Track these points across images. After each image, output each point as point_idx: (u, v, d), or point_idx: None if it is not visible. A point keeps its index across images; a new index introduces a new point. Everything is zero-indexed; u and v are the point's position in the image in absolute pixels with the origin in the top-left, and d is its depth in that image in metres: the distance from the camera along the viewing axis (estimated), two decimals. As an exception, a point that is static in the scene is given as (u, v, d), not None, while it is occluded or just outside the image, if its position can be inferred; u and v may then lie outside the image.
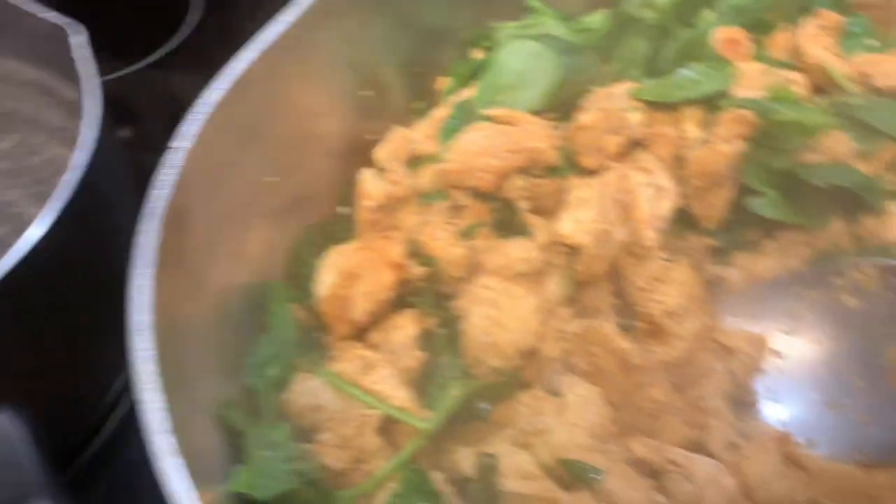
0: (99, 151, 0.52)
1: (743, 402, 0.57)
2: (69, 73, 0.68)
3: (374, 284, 0.58)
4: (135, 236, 0.39)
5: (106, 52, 0.67)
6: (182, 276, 0.42)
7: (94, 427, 0.62)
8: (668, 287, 0.56)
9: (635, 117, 0.69)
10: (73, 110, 0.71)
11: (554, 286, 0.63)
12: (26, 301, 0.50)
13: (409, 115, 0.71)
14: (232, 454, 0.47)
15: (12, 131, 0.76)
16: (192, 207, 0.44)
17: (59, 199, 0.49)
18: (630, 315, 0.62)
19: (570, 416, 0.54)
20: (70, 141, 0.74)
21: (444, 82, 0.75)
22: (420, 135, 0.70)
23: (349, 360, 0.55)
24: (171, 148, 0.43)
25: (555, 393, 0.58)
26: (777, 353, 0.60)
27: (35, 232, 0.48)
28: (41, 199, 0.73)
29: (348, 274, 0.58)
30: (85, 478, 0.58)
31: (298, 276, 0.59)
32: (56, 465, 0.43)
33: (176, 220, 0.42)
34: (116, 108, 0.66)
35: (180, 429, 0.37)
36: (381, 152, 0.63)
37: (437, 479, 0.53)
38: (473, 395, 0.57)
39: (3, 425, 0.42)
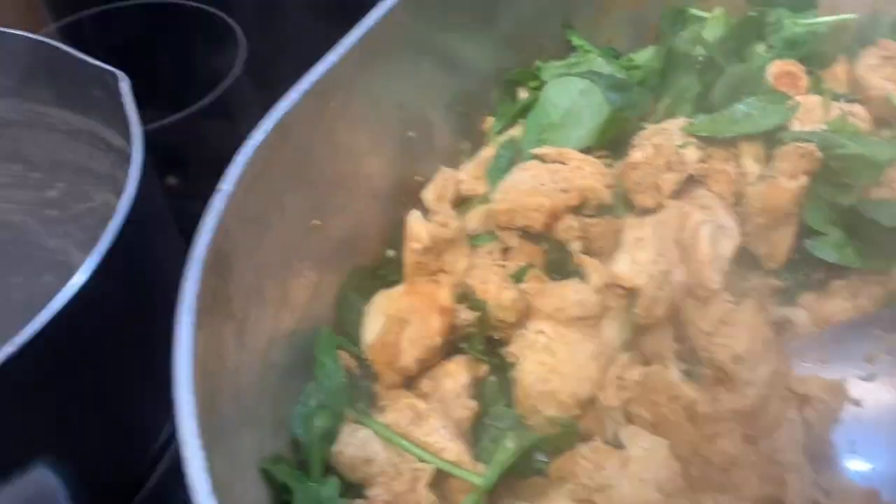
0: (144, 198, 0.51)
1: (821, 455, 0.53)
2: (117, 120, 0.69)
3: (423, 330, 0.56)
4: (179, 283, 0.38)
5: (153, 100, 0.67)
6: (226, 324, 0.41)
7: (140, 477, 0.60)
8: (736, 330, 0.53)
9: (691, 154, 0.66)
10: (121, 158, 0.71)
11: (612, 331, 0.60)
12: (69, 350, 0.48)
13: (455, 156, 0.70)
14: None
15: (60, 179, 0.76)
16: (236, 252, 0.42)
17: (103, 246, 0.48)
18: (694, 361, 0.58)
19: (635, 471, 0.50)
20: (117, 188, 0.74)
21: (490, 122, 0.74)
22: (467, 175, 0.68)
23: (399, 410, 0.53)
24: (216, 192, 0.42)
25: (616, 444, 0.55)
26: (855, 401, 0.56)
27: (78, 279, 0.47)
28: (87, 247, 0.73)
29: (396, 319, 0.56)
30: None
31: (346, 322, 0.57)
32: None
33: (220, 265, 0.41)
34: (163, 156, 0.66)
35: (224, 486, 0.34)
36: (429, 194, 0.62)
37: (494, 537, 0.50)
38: (530, 448, 0.54)
39: (41, 480, 0.40)
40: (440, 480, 0.51)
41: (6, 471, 0.42)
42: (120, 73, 0.61)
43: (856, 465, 0.54)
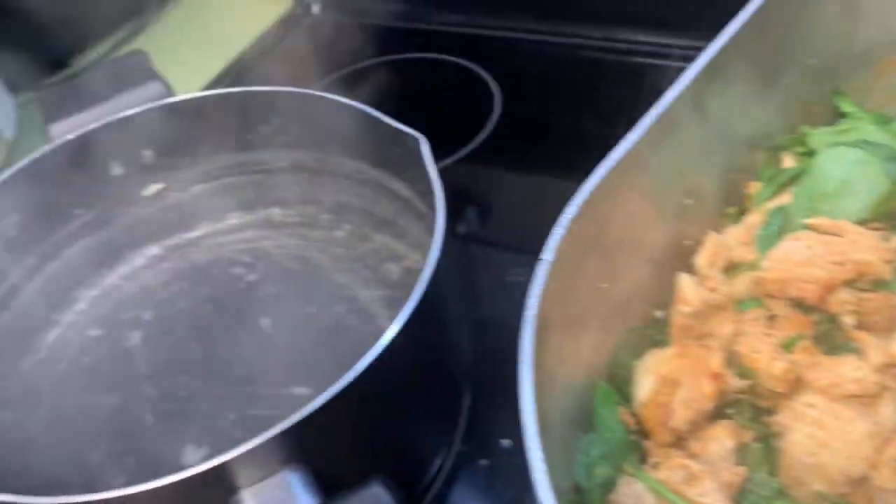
0: (444, 260, 0.57)
1: None
2: (404, 173, 0.77)
3: (695, 393, 0.58)
4: (518, 343, 0.43)
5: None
6: (542, 379, 0.45)
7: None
8: None
9: (979, 231, 0.64)
10: (403, 206, 0.80)
11: (889, 411, 0.59)
12: (376, 392, 0.55)
13: (721, 220, 0.72)
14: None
15: (347, 221, 0.86)
16: (550, 315, 0.47)
17: (414, 298, 0.55)
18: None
19: (923, 561, 0.49)
20: (396, 232, 0.83)
21: (755, 187, 0.74)
22: (734, 241, 0.70)
23: (672, 468, 0.55)
24: (539, 261, 0.47)
25: (893, 529, 0.54)
26: None
27: (391, 330, 0.53)
28: (369, 282, 0.82)
29: (668, 381, 0.59)
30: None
31: (617, 379, 0.61)
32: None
33: (541, 326, 0.45)
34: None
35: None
36: (702, 259, 0.64)
37: None
38: (798, 521, 0.55)
39: (379, 497, 0.47)
40: (711, 543, 0.53)
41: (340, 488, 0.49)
42: (421, 137, 0.69)
43: None
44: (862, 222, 0.67)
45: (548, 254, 0.48)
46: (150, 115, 0.82)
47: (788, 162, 0.76)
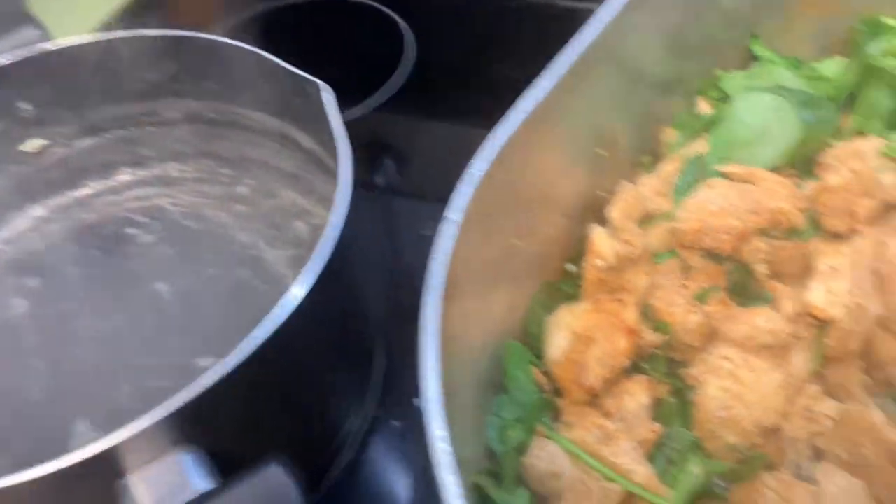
0: (352, 212, 0.54)
1: None
2: (307, 123, 0.72)
3: (609, 350, 0.57)
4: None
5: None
6: (449, 345, 0.43)
7: (320, 474, 0.64)
8: (945, 373, 0.51)
9: (888, 178, 0.64)
10: (309, 159, 0.75)
11: (801, 361, 0.59)
12: (280, 361, 0.52)
13: (636, 170, 0.70)
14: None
15: (249, 176, 0.81)
16: (458, 276, 0.44)
17: (319, 260, 0.51)
18: (882, 396, 0.57)
19: (831, 510, 0.50)
20: (304, 187, 0.78)
21: (669, 134, 0.73)
22: (649, 191, 0.68)
23: (587, 428, 0.54)
24: (444, 220, 0.44)
25: (803, 478, 0.54)
26: None
27: (295, 294, 0.50)
28: (274, 241, 0.77)
29: (582, 337, 0.57)
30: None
31: (531, 337, 0.59)
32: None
33: (448, 289, 0.43)
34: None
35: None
36: (616, 211, 0.62)
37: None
38: (713, 473, 0.54)
39: (277, 478, 0.44)
40: (626, 501, 0.52)
41: (238, 468, 0.45)
42: (323, 84, 0.64)
43: None
44: (777, 169, 0.67)
45: (454, 213, 0.44)
46: (25, 63, 0.74)
47: (703, 108, 0.74)
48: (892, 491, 0.50)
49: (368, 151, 0.95)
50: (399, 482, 0.67)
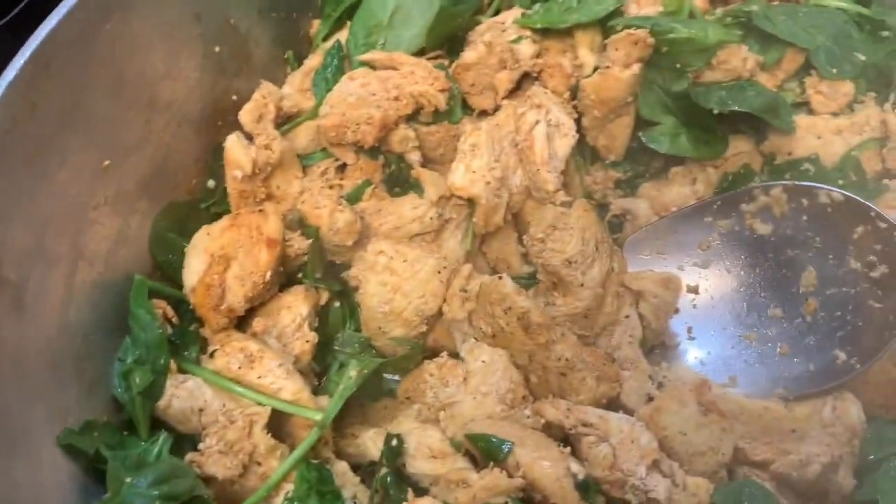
0: None
1: (659, 347, 0.54)
2: None
3: (250, 266, 0.53)
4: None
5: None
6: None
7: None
8: (566, 234, 0.52)
9: (525, 49, 0.63)
10: None
11: (453, 243, 0.58)
12: None
13: (278, 68, 0.65)
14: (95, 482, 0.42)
15: None
16: (8, 212, 0.37)
17: None
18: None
19: (476, 385, 0.50)
20: None
21: (316, 25, 0.68)
22: (292, 89, 0.63)
23: (229, 353, 0.50)
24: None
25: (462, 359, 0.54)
26: (692, 288, 0.57)
27: None
28: None
29: (218, 258, 0.52)
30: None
31: (165, 266, 0.53)
32: None
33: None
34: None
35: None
36: (247, 115, 0.57)
37: (341, 470, 0.49)
38: (375, 372, 0.53)
39: None
40: (282, 420, 0.50)
41: None
42: None
43: (694, 353, 0.55)
44: (420, 52, 0.64)
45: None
46: None
47: (350, -7, 0.70)
48: (528, 355, 0.51)
49: None
50: None
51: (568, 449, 0.46)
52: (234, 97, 0.59)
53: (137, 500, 0.40)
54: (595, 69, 0.63)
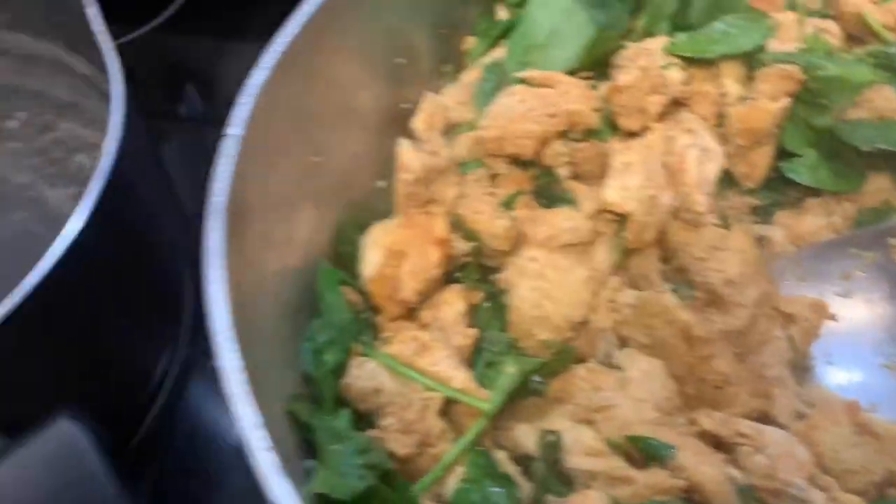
0: (129, 136, 0.49)
1: (802, 368, 0.57)
2: (78, 44, 0.65)
3: (421, 262, 0.57)
4: (200, 230, 0.37)
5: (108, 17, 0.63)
6: (245, 271, 0.40)
7: (136, 419, 0.60)
8: (728, 255, 0.55)
9: (674, 75, 0.67)
10: (85, 85, 0.68)
11: (602, 255, 0.61)
12: (65, 299, 0.47)
13: (438, 80, 0.69)
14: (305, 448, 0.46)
15: (19, 108, 0.72)
16: (248, 197, 0.41)
17: (94, 190, 0.46)
18: (679, 281, 0.60)
19: (634, 391, 0.53)
20: (84, 118, 0.71)
21: (471, 42, 0.72)
22: (452, 101, 0.67)
23: (403, 341, 0.54)
24: (224, 136, 0.40)
25: (609, 366, 0.57)
26: (832, 317, 0.59)
27: (72, 227, 0.45)
28: (55, 180, 0.70)
29: (394, 253, 0.56)
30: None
31: (344, 256, 0.57)
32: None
33: (236, 211, 0.40)
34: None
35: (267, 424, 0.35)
36: (419, 123, 0.61)
37: (502, 458, 0.52)
38: (529, 371, 0.56)
39: (68, 433, 0.40)
40: (447, 407, 0.53)
41: (24, 426, 0.41)
42: (86, -1, 0.58)
43: (833, 377, 0.57)
44: (571, 72, 0.68)
45: (235, 128, 0.41)
46: None
47: (502, 14, 0.74)
48: (686, 367, 0.53)
49: (167, 79, 0.87)
50: (221, 422, 0.64)
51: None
52: (404, 105, 0.63)
53: (343, 468, 0.44)
54: (740, 99, 0.67)
